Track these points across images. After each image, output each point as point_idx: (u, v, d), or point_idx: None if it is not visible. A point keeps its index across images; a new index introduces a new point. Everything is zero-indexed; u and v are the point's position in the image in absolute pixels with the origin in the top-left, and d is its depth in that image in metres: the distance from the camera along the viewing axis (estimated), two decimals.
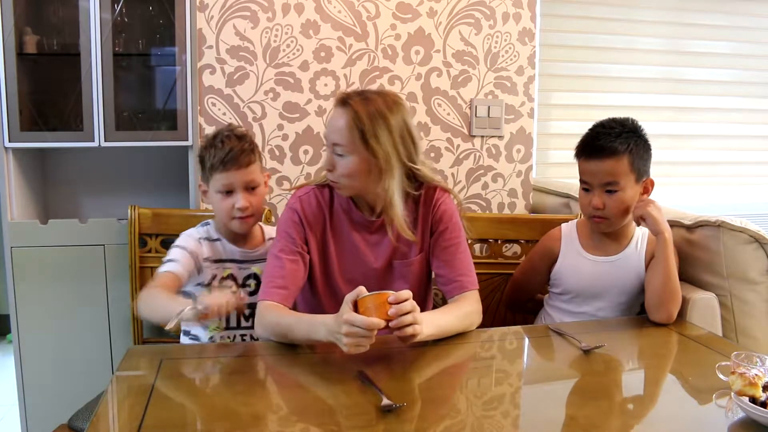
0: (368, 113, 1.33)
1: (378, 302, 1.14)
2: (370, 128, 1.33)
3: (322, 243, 1.48)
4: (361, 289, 1.16)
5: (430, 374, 1.22)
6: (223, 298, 1.24)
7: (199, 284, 1.53)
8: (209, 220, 1.58)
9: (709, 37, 2.92)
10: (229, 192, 1.48)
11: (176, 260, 1.47)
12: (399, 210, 1.37)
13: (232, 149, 1.46)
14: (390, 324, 1.15)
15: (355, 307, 1.14)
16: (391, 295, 1.15)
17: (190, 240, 1.52)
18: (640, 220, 1.51)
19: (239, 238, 1.57)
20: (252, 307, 1.51)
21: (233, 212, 1.48)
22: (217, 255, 1.54)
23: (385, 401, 1.00)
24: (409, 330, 1.16)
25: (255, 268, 1.57)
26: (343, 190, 1.42)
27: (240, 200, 1.48)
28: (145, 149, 2.01)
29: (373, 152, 1.34)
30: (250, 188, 1.50)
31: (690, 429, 1.03)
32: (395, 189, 1.36)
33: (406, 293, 1.17)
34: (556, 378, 1.26)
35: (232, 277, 1.55)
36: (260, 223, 1.63)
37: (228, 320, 1.54)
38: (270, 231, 1.63)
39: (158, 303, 1.33)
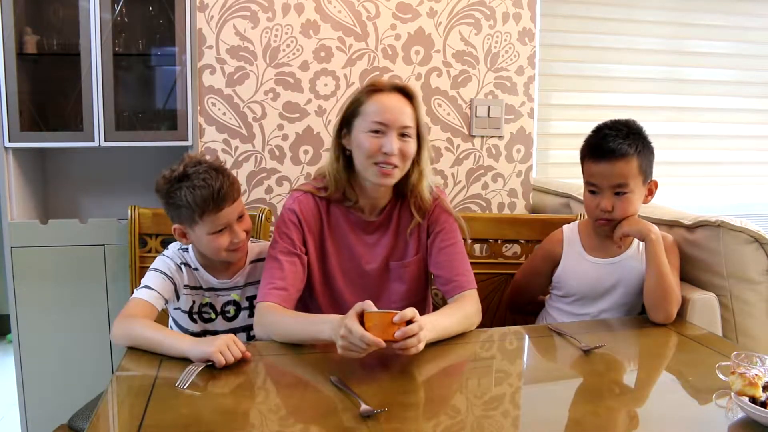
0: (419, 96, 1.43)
1: (384, 322, 1.13)
2: (422, 109, 1.43)
3: (320, 244, 1.48)
4: (369, 303, 1.16)
5: (429, 374, 1.22)
6: (229, 351, 1.18)
7: (177, 309, 1.49)
8: (188, 246, 1.49)
9: (709, 37, 2.92)
10: (222, 229, 1.40)
11: (153, 288, 1.40)
12: (429, 180, 1.47)
13: (222, 186, 1.36)
14: (394, 345, 1.14)
15: (362, 320, 1.14)
16: (397, 315, 1.13)
17: (171, 265, 1.46)
18: (624, 238, 1.52)
19: (220, 268, 1.49)
20: (234, 332, 1.49)
21: (230, 246, 1.41)
22: (195, 283, 1.49)
23: (364, 407, 1.00)
24: (413, 350, 1.15)
25: (234, 295, 1.51)
26: (397, 176, 1.41)
27: (238, 234, 1.41)
28: (145, 149, 2.01)
29: (424, 131, 1.43)
30: (239, 217, 1.43)
31: (690, 429, 1.03)
32: (428, 161, 1.47)
33: (411, 312, 1.15)
34: (556, 378, 1.26)
35: (210, 305, 1.50)
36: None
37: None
38: (256, 250, 1.55)
39: (147, 337, 1.25)
